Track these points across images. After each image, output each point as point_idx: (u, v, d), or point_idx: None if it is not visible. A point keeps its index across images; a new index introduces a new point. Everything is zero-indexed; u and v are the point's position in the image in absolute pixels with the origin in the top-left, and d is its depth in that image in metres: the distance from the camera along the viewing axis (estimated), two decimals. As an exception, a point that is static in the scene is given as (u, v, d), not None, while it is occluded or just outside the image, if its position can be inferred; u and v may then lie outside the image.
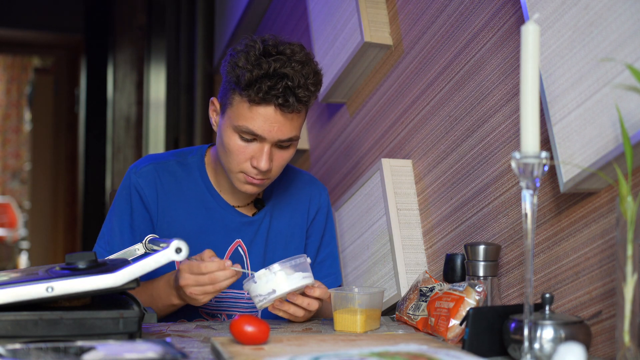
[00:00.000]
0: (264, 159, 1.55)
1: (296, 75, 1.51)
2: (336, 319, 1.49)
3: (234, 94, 1.55)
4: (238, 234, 1.70)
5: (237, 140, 1.56)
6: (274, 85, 1.50)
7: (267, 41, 1.55)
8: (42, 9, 6.26)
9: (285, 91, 1.50)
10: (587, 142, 1.24)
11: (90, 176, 5.72)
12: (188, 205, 1.68)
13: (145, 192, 1.66)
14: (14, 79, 8.88)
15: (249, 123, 1.53)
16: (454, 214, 1.71)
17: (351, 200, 2.02)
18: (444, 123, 1.76)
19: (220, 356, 1.16)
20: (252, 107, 1.52)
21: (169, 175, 1.69)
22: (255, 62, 1.51)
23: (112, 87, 5.30)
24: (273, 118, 1.53)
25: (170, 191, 1.68)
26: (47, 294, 1.17)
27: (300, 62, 1.53)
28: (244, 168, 1.58)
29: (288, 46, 1.55)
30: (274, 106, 1.52)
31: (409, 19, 1.92)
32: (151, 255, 1.24)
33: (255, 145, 1.56)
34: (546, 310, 1.18)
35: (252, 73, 1.50)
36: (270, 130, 1.53)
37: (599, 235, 1.28)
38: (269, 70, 1.50)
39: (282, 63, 1.51)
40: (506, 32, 1.54)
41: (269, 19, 3.12)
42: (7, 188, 8.83)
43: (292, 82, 1.50)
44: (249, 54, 1.53)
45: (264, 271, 1.42)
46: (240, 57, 1.54)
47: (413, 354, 1.01)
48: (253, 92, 1.50)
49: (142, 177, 1.67)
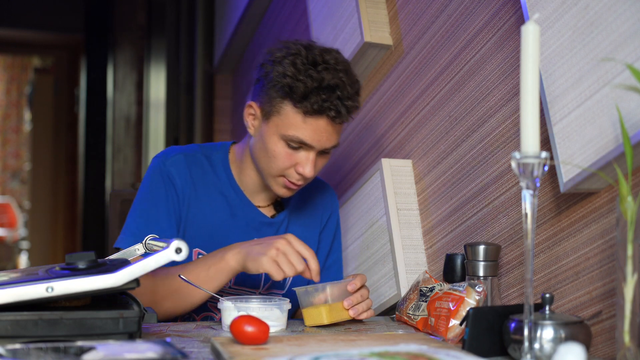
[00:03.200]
0: (310, 166, 1.59)
1: (345, 87, 1.56)
2: (304, 316, 1.51)
3: (283, 104, 1.57)
4: (257, 233, 1.72)
5: (284, 147, 1.59)
6: (328, 98, 1.54)
7: (311, 49, 1.58)
8: (42, 9, 6.26)
9: (338, 103, 1.55)
10: (587, 142, 1.24)
11: (90, 176, 5.72)
12: (212, 198, 1.70)
13: (176, 180, 1.67)
14: (14, 79, 8.88)
15: (299, 133, 1.57)
16: (454, 214, 1.71)
17: (351, 200, 2.02)
18: (444, 123, 1.76)
19: (220, 356, 1.16)
20: (306, 118, 1.56)
21: (198, 167, 1.71)
22: (305, 72, 1.54)
23: (112, 87, 5.30)
24: (324, 129, 1.57)
25: (198, 182, 1.70)
26: (47, 294, 1.17)
27: (344, 71, 1.58)
28: (287, 173, 1.62)
29: (330, 54, 1.59)
30: (327, 118, 1.56)
31: (409, 19, 1.92)
32: (151, 255, 1.24)
33: (301, 152, 1.60)
34: (546, 310, 1.18)
35: (306, 85, 1.53)
36: (319, 139, 1.58)
37: (599, 235, 1.28)
38: (322, 82, 1.53)
39: (332, 74, 1.55)
40: (506, 32, 1.54)
41: (269, 19, 3.12)
42: (7, 188, 8.83)
43: (342, 94, 1.55)
44: (295, 62, 1.55)
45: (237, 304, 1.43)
46: (286, 66, 1.55)
47: (413, 354, 1.01)
48: (309, 105, 1.54)
49: (174, 165, 1.68)
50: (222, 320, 1.46)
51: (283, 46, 1.60)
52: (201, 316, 1.69)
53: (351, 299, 1.51)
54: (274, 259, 1.47)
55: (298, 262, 1.48)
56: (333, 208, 1.87)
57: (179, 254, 1.23)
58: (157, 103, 4.39)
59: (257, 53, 3.34)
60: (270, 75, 1.58)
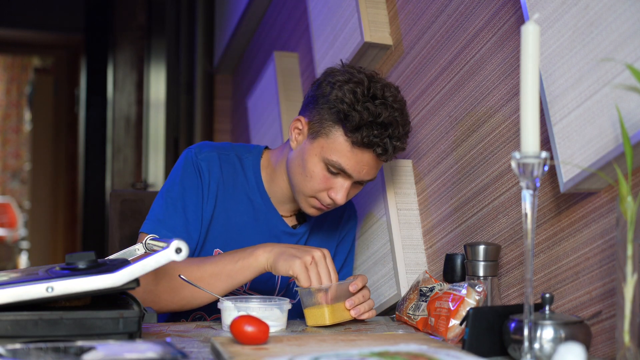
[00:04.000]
0: (343, 194, 1.60)
1: (398, 126, 1.56)
2: (306, 316, 1.52)
3: (334, 128, 1.57)
4: (277, 240, 1.71)
5: (323, 171, 1.59)
6: (380, 134, 1.54)
7: (373, 81, 1.58)
8: (42, 9, 6.26)
9: (387, 141, 1.56)
10: (587, 142, 1.24)
11: (90, 176, 5.73)
12: (239, 200, 1.70)
13: (206, 176, 1.66)
14: (14, 79, 8.88)
15: (342, 161, 1.57)
16: (454, 214, 1.71)
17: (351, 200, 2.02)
18: (444, 123, 1.76)
19: (220, 356, 1.16)
20: (353, 148, 1.56)
21: (229, 165, 1.70)
22: (364, 103, 1.54)
23: (112, 87, 5.30)
24: (367, 162, 1.58)
25: (228, 181, 1.69)
26: (47, 294, 1.17)
27: (400, 111, 1.58)
28: (320, 196, 1.62)
29: (389, 90, 1.59)
30: (373, 153, 1.57)
31: (409, 19, 1.92)
32: (151, 255, 1.24)
33: (339, 179, 1.60)
34: (546, 310, 1.18)
35: (362, 117, 1.53)
36: (360, 171, 1.58)
37: (599, 235, 1.28)
38: (378, 117, 1.54)
39: (388, 111, 1.55)
40: (506, 32, 1.54)
41: (269, 18, 3.13)
42: (7, 188, 8.83)
43: (393, 132, 1.56)
44: (356, 91, 1.55)
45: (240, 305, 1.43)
46: (346, 92, 1.55)
47: (413, 354, 1.01)
48: (360, 136, 1.54)
49: (205, 160, 1.67)
50: (222, 320, 1.46)
51: (346, 71, 1.60)
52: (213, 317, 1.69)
53: (353, 300, 1.52)
54: (306, 265, 1.48)
55: (326, 277, 1.49)
56: (352, 223, 1.87)
57: (179, 254, 1.23)
58: (157, 103, 4.39)
59: (257, 53, 3.35)
60: (327, 96, 1.58)
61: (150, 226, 1.61)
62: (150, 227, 1.61)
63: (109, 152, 5.34)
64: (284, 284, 1.73)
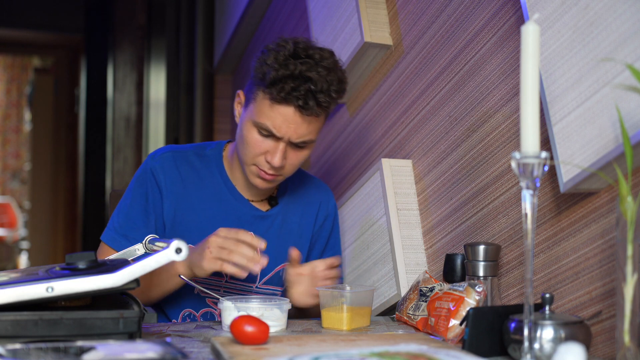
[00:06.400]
0: (278, 156, 1.59)
1: (320, 80, 1.55)
2: (323, 317, 1.51)
3: (258, 90, 1.59)
4: (250, 227, 1.72)
5: (255, 135, 1.60)
6: (297, 87, 1.54)
7: (298, 43, 1.59)
8: (42, 9, 6.25)
9: (307, 94, 1.54)
10: (587, 142, 1.24)
11: (90, 176, 5.72)
12: (204, 195, 1.72)
13: (160, 177, 1.69)
14: (14, 79, 8.88)
15: (267, 120, 1.57)
16: (454, 214, 1.71)
17: (351, 200, 2.02)
18: (444, 123, 1.76)
19: (220, 356, 1.16)
20: (273, 105, 1.56)
21: (187, 164, 1.72)
22: (283, 62, 1.55)
23: (112, 87, 5.30)
24: (291, 118, 1.56)
25: (187, 180, 1.71)
26: (47, 294, 1.17)
27: (327, 68, 1.57)
28: (258, 161, 1.62)
29: (318, 51, 1.59)
30: (294, 107, 1.56)
31: (409, 19, 1.92)
32: (151, 255, 1.24)
33: (271, 141, 1.60)
34: (546, 310, 1.18)
35: (278, 72, 1.54)
36: (287, 130, 1.57)
37: (599, 235, 1.28)
38: (295, 71, 1.54)
39: (308, 66, 1.54)
40: (506, 32, 1.54)
41: (269, 18, 3.12)
42: (7, 188, 8.83)
43: (315, 87, 1.54)
44: (278, 53, 1.57)
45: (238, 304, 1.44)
46: (269, 55, 1.58)
47: (413, 354, 1.01)
48: (275, 91, 1.54)
49: (159, 162, 1.71)
50: (222, 320, 1.46)
51: (278, 40, 1.62)
52: (201, 312, 1.70)
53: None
54: (215, 258, 1.49)
55: (239, 247, 1.48)
56: (330, 209, 1.86)
57: (179, 254, 1.23)
58: (157, 103, 4.39)
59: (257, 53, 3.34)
60: (254, 64, 1.62)
61: (107, 235, 1.68)
62: (107, 237, 1.68)
63: (109, 152, 5.34)
64: (266, 271, 1.73)
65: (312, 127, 1.60)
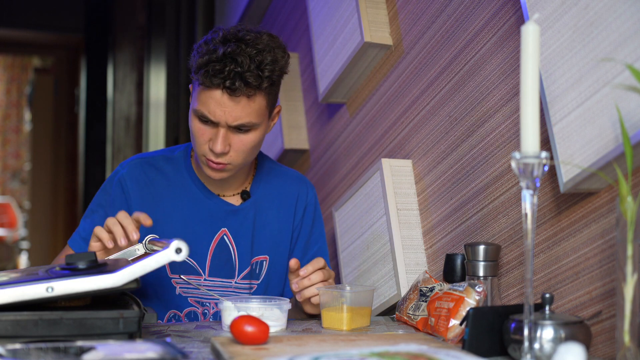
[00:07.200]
0: (219, 142, 1.57)
1: (246, 60, 1.52)
2: (323, 317, 1.51)
3: (194, 80, 1.60)
4: (223, 223, 1.72)
5: (197, 123, 1.60)
6: (222, 68, 1.52)
7: (230, 30, 1.59)
8: (42, 9, 6.26)
9: (233, 75, 1.52)
10: (587, 142, 1.24)
11: (90, 176, 5.72)
12: (174, 196, 1.72)
13: (128, 184, 1.70)
14: (14, 79, 8.88)
15: (202, 106, 1.57)
16: (454, 214, 1.71)
17: (351, 200, 2.02)
18: (444, 123, 1.76)
19: (220, 356, 1.16)
20: (203, 90, 1.56)
21: (155, 169, 1.73)
22: (212, 48, 1.55)
23: (112, 87, 5.30)
24: (221, 101, 1.55)
25: (156, 184, 1.72)
26: (47, 294, 1.17)
27: (258, 49, 1.54)
28: (204, 151, 1.61)
29: (253, 34, 1.57)
30: (221, 89, 1.54)
31: (409, 19, 1.92)
32: (151, 255, 1.24)
33: (210, 128, 1.59)
34: (546, 310, 1.18)
35: (203, 57, 1.54)
36: (221, 113, 1.56)
37: (599, 235, 1.28)
38: (219, 54, 1.52)
39: (235, 48, 1.53)
40: (506, 32, 1.54)
41: (269, 19, 3.12)
42: (7, 188, 8.83)
43: (242, 67, 1.52)
44: (209, 41, 1.57)
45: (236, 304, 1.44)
46: (201, 44, 1.58)
47: (413, 354, 1.01)
48: (202, 76, 1.54)
49: (127, 169, 1.72)
50: (222, 320, 1.46)
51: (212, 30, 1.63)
52: (185, 312, 1.70)
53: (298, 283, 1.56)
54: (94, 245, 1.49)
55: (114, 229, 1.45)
56: (308, 200, 1.83)
57: (179, 254, 1.23)
58: (157, 103, 4.39)
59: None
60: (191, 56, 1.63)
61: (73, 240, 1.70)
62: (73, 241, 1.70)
63: (109, 152, 5.34)
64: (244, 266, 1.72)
65: (249, 109, 1.56)
